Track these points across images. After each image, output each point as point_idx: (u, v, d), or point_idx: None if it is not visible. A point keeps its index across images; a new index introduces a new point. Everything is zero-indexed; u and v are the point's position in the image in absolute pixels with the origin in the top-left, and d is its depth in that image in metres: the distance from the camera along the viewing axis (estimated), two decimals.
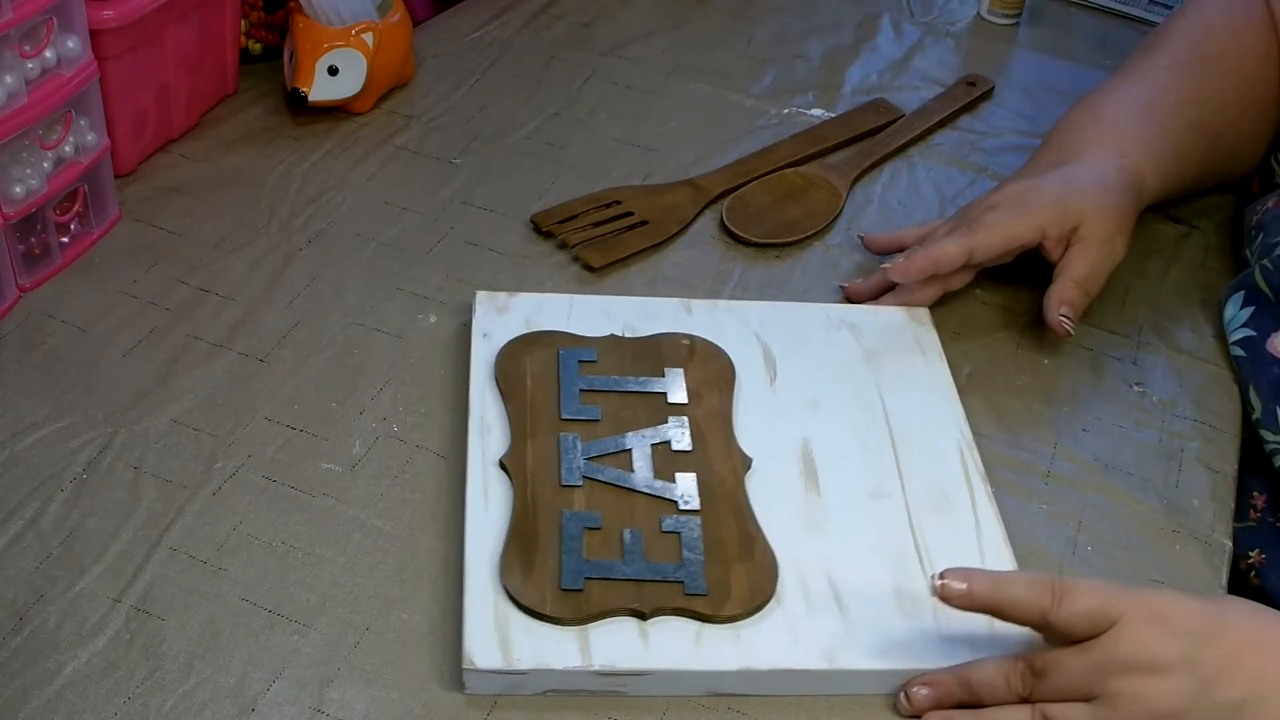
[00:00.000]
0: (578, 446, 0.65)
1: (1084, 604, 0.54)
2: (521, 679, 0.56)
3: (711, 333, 0.72)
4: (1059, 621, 0.55)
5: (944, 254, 0.73)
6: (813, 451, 0.67)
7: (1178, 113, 0.80)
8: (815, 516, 0.63)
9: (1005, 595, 0.55)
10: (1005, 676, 0.56)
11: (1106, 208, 0.75)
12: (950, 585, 0.56)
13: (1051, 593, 0.55)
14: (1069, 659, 0.55)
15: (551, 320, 0.72)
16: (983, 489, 0.65)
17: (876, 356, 0.72)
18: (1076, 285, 0.74)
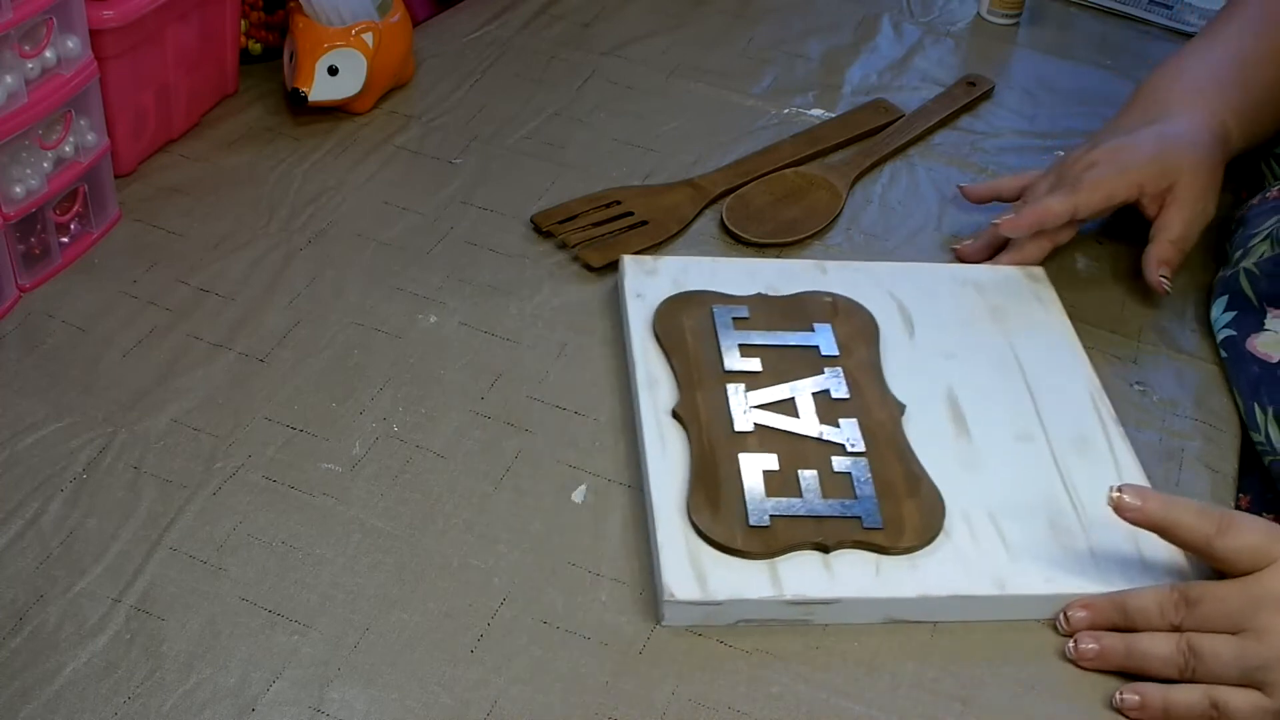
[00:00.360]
0: (744, 396, 0.68)
1: (1248, 538, 0.57)
2: (717, 609, 0.60)
3: (847, 291, 0.76)
4: (1222, 550, 0.58)
5: (1050, 211, 0.77)
6: (958, 398, 0.71)
7: (1260, 70, 0.83)
8: (968, 457, 0.68)
9: (1174, 517, 0.59)
10: (1159, 605, 0.59)
11: (1200, 165, 0.78)
12: (1126, 499, 0.59)
13: (1219, 523, 0.58)
14: (1225, 590, 0.57)
15: (697, 281, 0.76)
16: (1117, 431, 0.69)
17: (1002, 311, 0.76)
18: (1173, 245, 0.77)
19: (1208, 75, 0.83)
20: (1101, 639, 0.60)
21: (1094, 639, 0.60)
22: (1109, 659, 0.59)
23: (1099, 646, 0.59)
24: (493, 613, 0.60)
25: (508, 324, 0.75)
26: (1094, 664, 0.60)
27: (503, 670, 0.58)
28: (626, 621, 0.60)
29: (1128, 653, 0.59)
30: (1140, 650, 0.59)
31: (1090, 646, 0.60)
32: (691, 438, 0.67)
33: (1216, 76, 0.83)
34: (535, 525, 0.64)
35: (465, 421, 0.69)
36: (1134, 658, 0.59)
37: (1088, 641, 0.60)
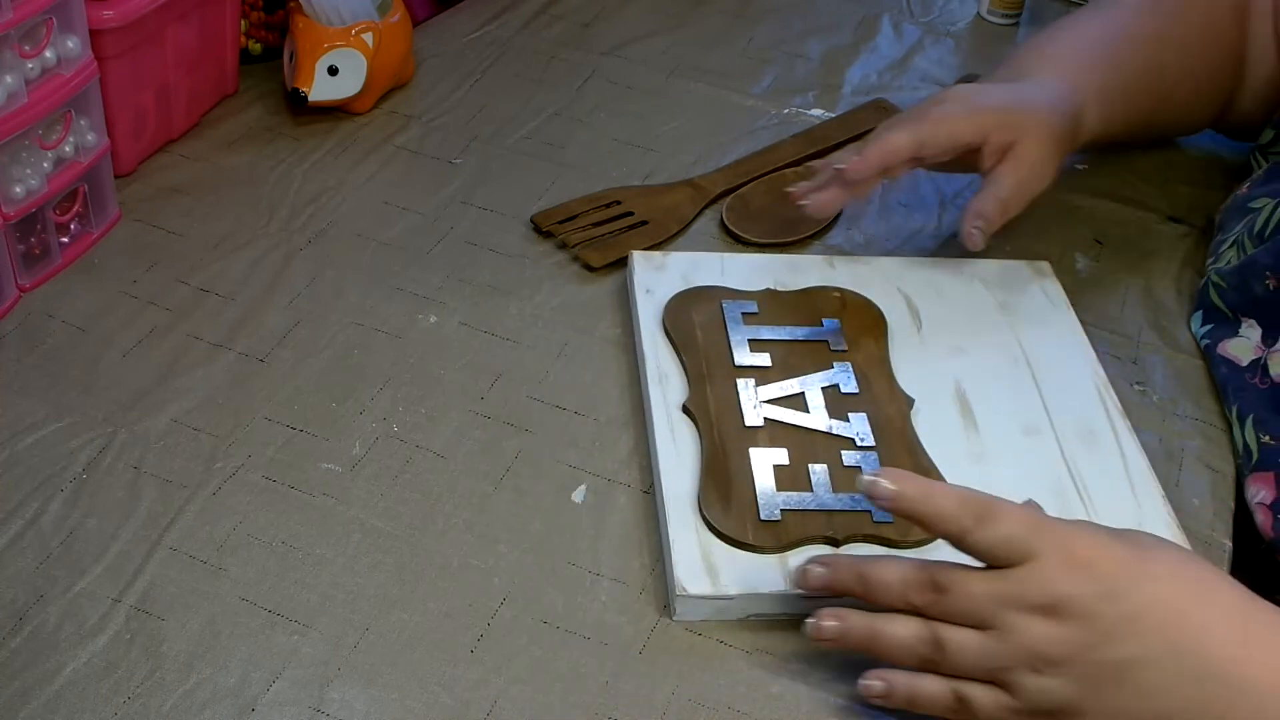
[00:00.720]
0: (754, 391, 0.69)
1: (1005, 531, 0.53)
2: (729, 604, 0.60)
3: (855, 286, 0.77)
4: (975, 543, 0.54)
5: (893, 144, 0.73)
6: (966, 392, 0.71)
7: (1134, 50, 0.81)
8: (977, 451, 0.68)
9: (931, 507, 0.55)
10: (904, 584, 0.55)
11: (1048, 129, 0.75)
12: (881, 484, 0.55)
13: (976, 514, 0.54)
14: (974, 582, 0.54)
15: (706, 276, 0.77)
16: (1123, 424, 0.70)
17: (1009, 306, 0.77)
18: (998, 201, 0.74)
19: (1078, 48, 0.81)
20: (845, 618, 0.56)
21: (837, 617, 0.57)
22: (849, 640, 0.56)
23: (841, 625, 0.56)
24: (493, 613, 0.60)
25: (508, 324, 0.75)
26: (834, 644, 0.57)
27: (503, 670, 0.58)
28: (626, 621, 0.60)
29: (871, 637, 0.56)
30: (885, 636, 0.56)
31: (832, 625, 0.56)
32: (702, 432, 0.67)
33: (1087, 51, 0.80)
34: (535, 525, 0.64)
35: (465, 421, 0.69)
36: (877, 643, 0.56)
37: (830, 619, 0.57)
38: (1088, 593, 0.52)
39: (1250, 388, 0.73)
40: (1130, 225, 0.87)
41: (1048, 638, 0.53)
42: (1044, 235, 0.85)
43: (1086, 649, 0.52)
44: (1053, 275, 0.79)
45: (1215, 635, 0.52)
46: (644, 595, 0.61)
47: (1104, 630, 0.52)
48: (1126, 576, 0.52)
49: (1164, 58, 0.82)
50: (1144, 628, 0.52)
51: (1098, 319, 0.79)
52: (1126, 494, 0.66)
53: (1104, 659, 0.52)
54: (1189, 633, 0.52)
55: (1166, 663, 0.52)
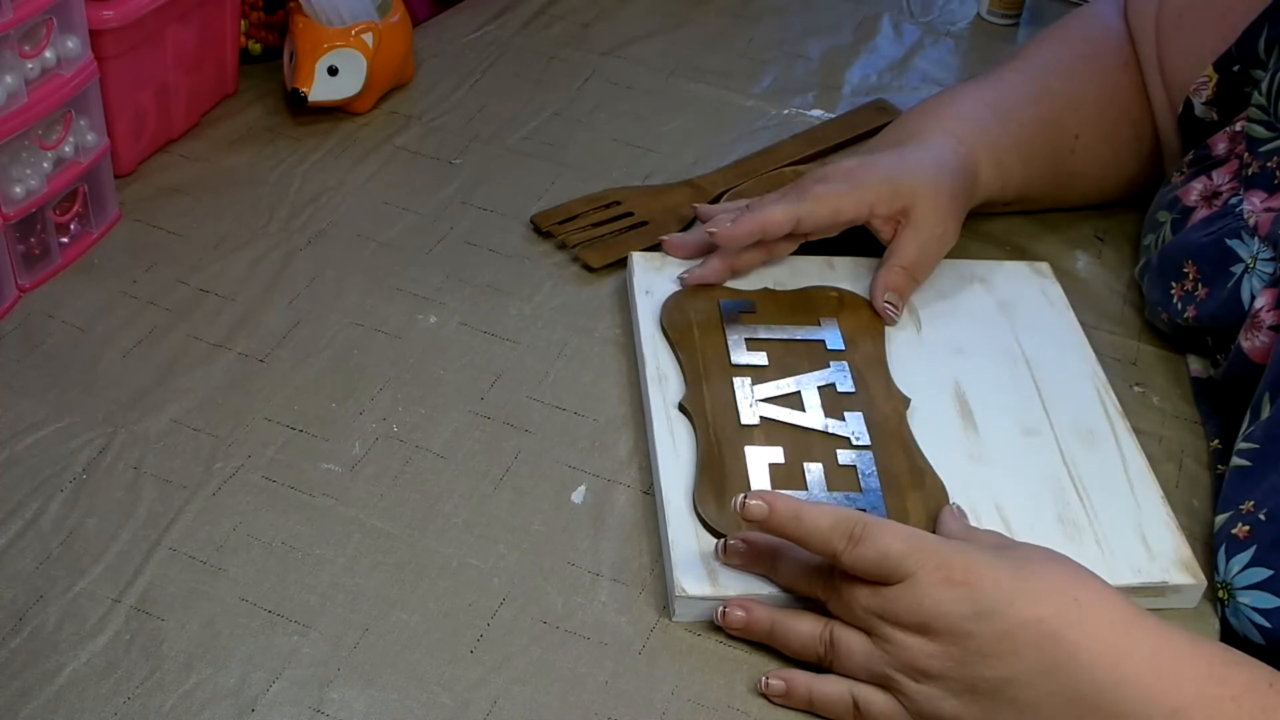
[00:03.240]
0: (751, 389, 0.68)
1: (879, 550, 0.55)
2: None
3: (855, 286, 0.76)
4: (850, 563, 0.55)
5: (770, 219, 0.73)
6: (965, 392, 0.71)
7: (1022, 106, 0.81)
8: (975, 451, 0.68)
9: (804, 528, 0.56)
10: (808, 574, 0.58)
11: (938, 189, 0.74)
12: (752, 506, 0.57)
13: (850, 535, 0.55)
14: (857, 590, 0.56)
15: None
16: (1123, 425, 0.70)
17: (1009, 307, 0.77)
18: (904, 270, 0.74)
19: (967, 109, 0.80)
20: (751, 610, 0.58)
21: (744, 608, 0.59)
22: (754, 631, 0.59)
23: (746, 616, 0.58)
24: (493, 613, 0.60)
25: (508, 324, 0.75)
26: (739, 633, 0.59)
27: (503, 670, 0.58)
28: (626, 621, 0.60)
29: (771, 630, 0.58)
30: (784, 630, 0.58)
31: (738, 614, 0.58)
32: (698, 431, 0.67)
33: (974, 111, 0.80)
34: (535, 525, 0.64)
35: (465, 421, 0.69)
36: (776, 637, 0.58)
37: (737, 609, 0.59)
38: (960, 612, 0.53)
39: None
40: (1130, 225, 0.87)
41: (923, 652, 0.54)
42: (1044, 235, 0.85)
43: (961, 665, 0.53)
44: (1052, 275, 0.79)
45: (1090, 653, 0.52)
46: (643, 595, 0.61)
47: (976, 649, 0.53)
48: (1000, 596, 0.53)
49: (1056, 110, 0.81)
50: (1016, 647, 0.53)
51: (1098, 319, 0.79)
52: (1126, 494, 0.66)
53: (979, 675, 0.53)
54: (1064, 651, 0.52)
55: (1039, 682, 0.52)
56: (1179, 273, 0.74)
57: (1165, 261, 0.75)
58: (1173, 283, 0.74)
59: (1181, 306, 0.73)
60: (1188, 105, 0.78)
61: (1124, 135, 0.83)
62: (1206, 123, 0.77)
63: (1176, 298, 0.73)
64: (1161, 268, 0.75)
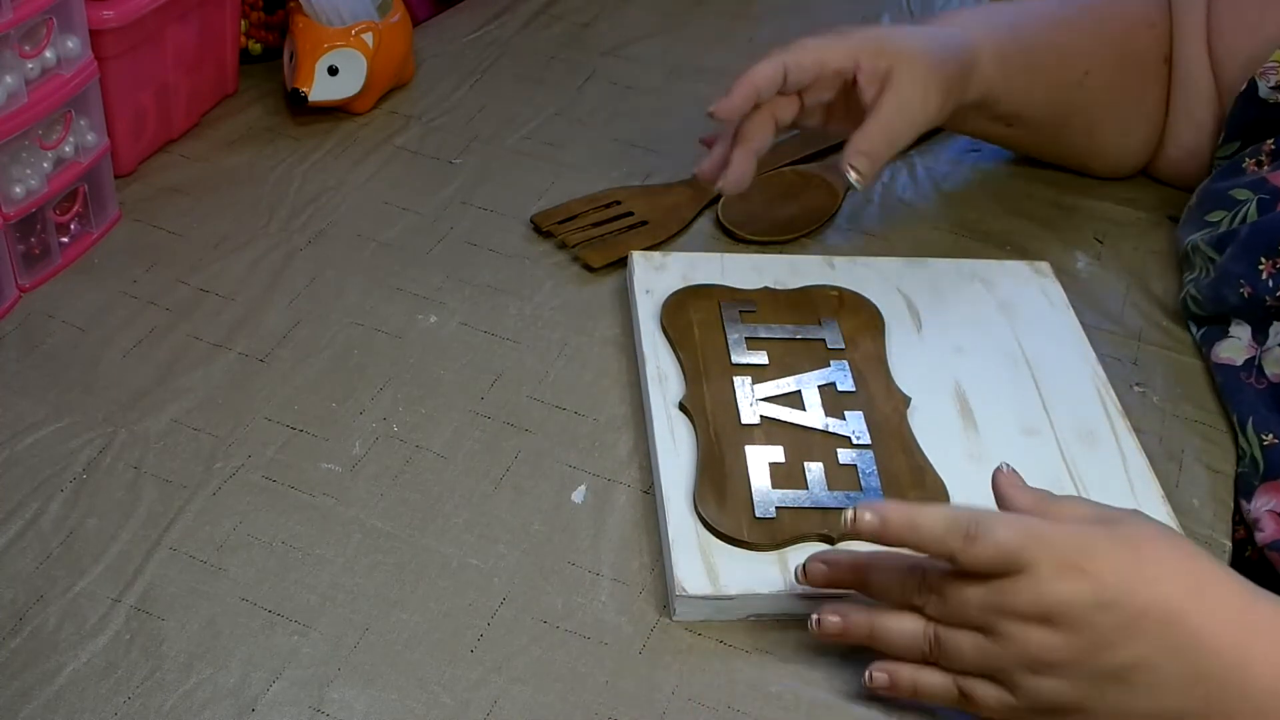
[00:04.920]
0: (751, 389, 0.68)
1: (995, 548, 0.53)
2: (729, 604, 0.60)
3: (854, 286, 0.77)
4: (968, 562, 0.54)
5: (759, 73, 0.72)
6: (965, 392, 0.71)
7: (1038, 24, 0.81)
8: (975, 451, 0.68)
9: (920, 535, 0.55)
10: (902, 584, 0.56)
11: (926, 55, 0.74)
12: (865, 517, 0.55)
13: (965, 534, 0.53)
14: (969, 590, 0.54)
15: (705, 276, 0.77)
16: (1123, 425, 0.70)
17: (1009, 306, 0.77)
18: (880, 132, 0.72)
19: (980, 15, 0.80)
20: (847, 615, 0.57)
21: (838, 613, 0.57)
22: (852, 635, 0.57)
23: (843, 621, 0.57)
24: (493, 613, 0.60)
25: (508, 324, 0.75)
26: (837, 639, 0.58)
27: (503, 670, 0.58)
28: (626, 621, 0.60)
29: (872, 631, 0.57)
30: (884, 630, 0.56)
31: (834, 620, 0.57)
32: (698, 430, 0.67)
33: (988, 16, 0.80)
34: (535, 525, 0.64)
35: (465, 421, 0.69)
36: (878, 638, 0.57)
37: (831, 615, 0.57)
38: (1083, 601, 0.52)
39: (1247, 389, 0.72)
40: (1130, 225, 0.87)
41: (1044, 645, 0.53)
42: (1044, 235, 0.85)
43: (1084, 655, 0.52)
44: (1053, 275, 0.79)
45: (1214, 634, 0.52)
46: (644, 595, 0.61)
47: (1101, 637, 0.52)
48: (1123, 582, 0.52)
49: (1072, 42, 0.81)
50: (1141, 631, 0.52)
51: (1098, 319, 0.79)
52: (1126, 494, 0.66)
53: (1103, 663, 0.52)
54: (1188, 633, 0.52)
55: (1167, 664, 0.52)
56: (1274, 249, 0.72)
57: (1258, 236, 0.73)
58: (1263, 258, 0.72)
59: (1274, 284, 0.71)
60: (1251, 86, 0.77)
61: (1133, 93, 0.83)
62: (1271, 105, 0.76)
63: (1267, 274, 0.72)
64: (1252, 242, 0.73)
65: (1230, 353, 0.75)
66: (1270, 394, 0.71)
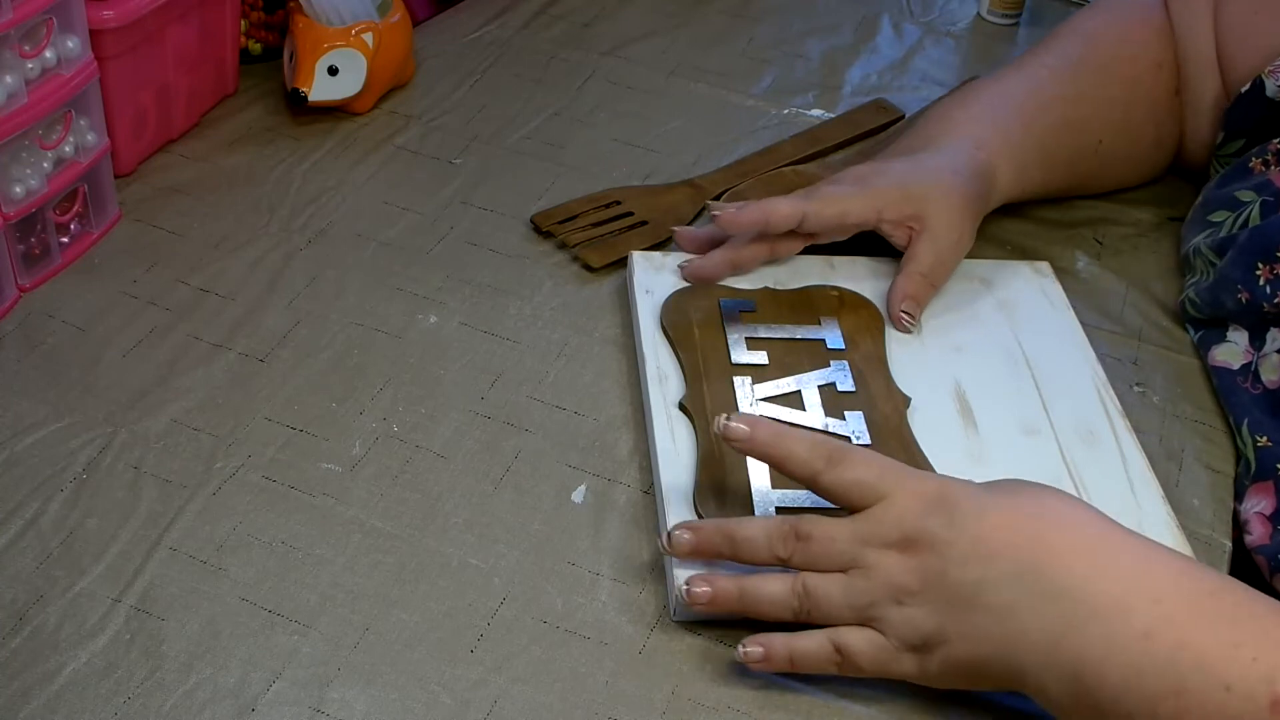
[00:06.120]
0: (751, 388, 0.69)
1: (856, 474, 0.56)
2: None
3: (854, 286, 0.77)
4: (828, 484, 0.57)
5: (776, 212, 0.73)
6: (965, 392, 0.71)
7: (1048, 109, 0.80)
8: (975, 451, 0.68)
9: (784, 448, 0.57)
10: (769, 537, 0.57)
11: (951, 193, 0.74)
12: (734, 427, 0.58)
13: (828, 457, 0.56)
14: (834, 527, 0.56)
15: None
16: (1123, 424, 0.70)
17: (1009, 306, 0.77)
18: (922, 277, 0.74)
19: (984, 111, 0.79)
20: (714, 582, 0.57)
21: (706, 582, 0.58)
22: (721, 603, 0.58)
23: (711, 590, 0.57)
24: (493, 613, 0.60)
25: (508, 324, 0.75)
26: (706, 609, 0.58)
27: (503, 670, 0.58)
28: (626, 621, 0.60)
29: (740, 596, 0.57)
30: (754, 593, 0.57)
31: (703, 590, 0.57)
32: (698, 430, 0.67)
33: (993, 114, 0.79)
34: (535, 525, 0.64)
35: (465, 421, 0.69)
36: (747, 601, 0.57)
37: (700, 585, 0.57)
38: (937, 523, 0.54)
39: (1244, 392, 0.73)
40: (1130, 225, 0.87)
41: (904, 568, 0.55)
42: (1044, 235, 0.85)
43: (939, 575, 0.54)
44: (1053, 275, 0.79)
45: (1064, 556, 0.53)
46: (644, 595, 0.61)
47: (954, 556, 0.54)
48: (974, 504, 0.55)
49: (1081, 113, 0.81)
50: (991, 550, 0.53)
51: (1098, 319, 0.79)
52: (1126, 494, 0.66)
53: (956, 582, 0.54)
54: (1038, 553, 0.53)
55: (1015, 583, 0.53)
56: (1271, 255, 0.71)
57: (1258, 240, 0.72)
58: (1260, 263, 0.72)
59: (1271, 290, 0.71)
60: (1257, 85, 0.77)
61: (1147, 136, 0.84)
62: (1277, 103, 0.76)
63: (1264, 280, 0.72)
64: (1250, 246, 0.73)
65: (1227, 356, 0.75)
66: (1266, 399, 0.71)
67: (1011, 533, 0.54)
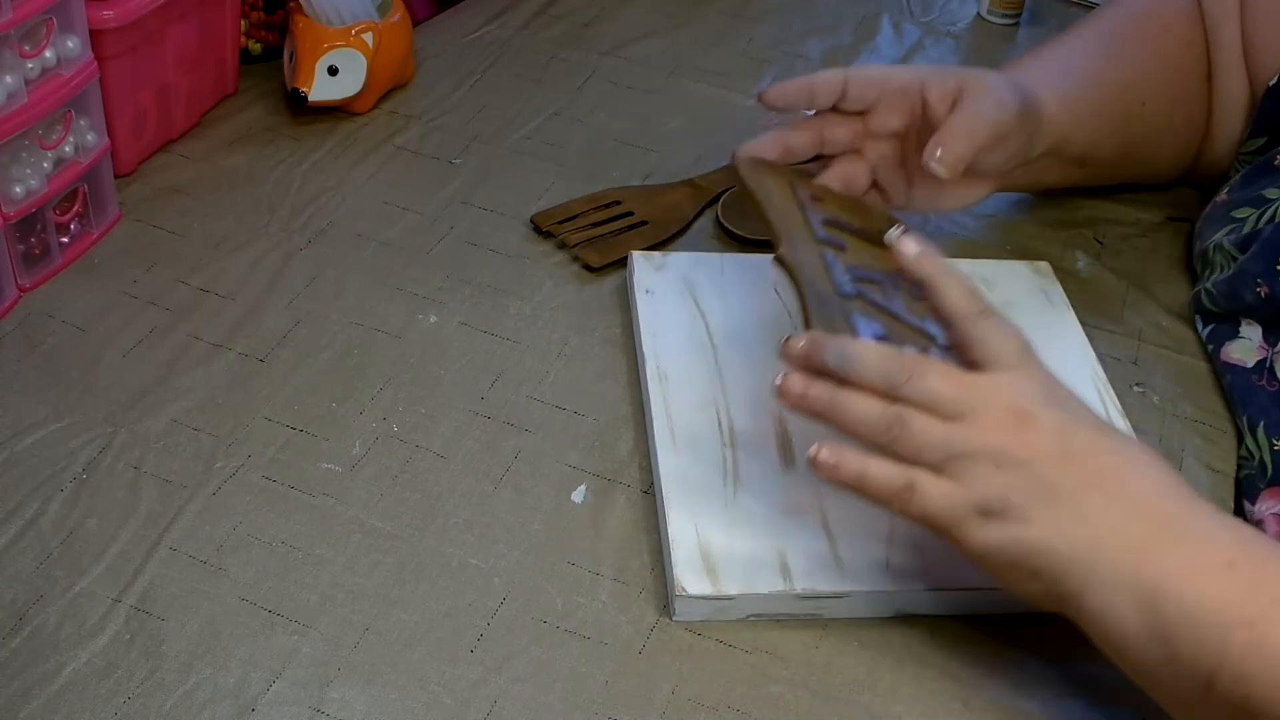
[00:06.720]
0: (841, 263, 0.66)
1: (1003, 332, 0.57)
2: (729, 604, 0.60)
3: None
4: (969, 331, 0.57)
5: (818, 77, 0.72)
6: None
7: (1094, 65, 0.81)
8: None
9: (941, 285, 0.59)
10: (882, 360, 0.56)
11: (996, 77, 0.73)
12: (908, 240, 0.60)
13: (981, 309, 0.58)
14: (956, 375, 0.56)
15: (706, 276, 0.76)
16: (1123, 424, 0.70)
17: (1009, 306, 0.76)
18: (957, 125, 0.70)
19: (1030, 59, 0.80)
20: (812, 384, 0.57)
21: (801, 380, 0.57)
22: (812, 403, 0.57)
23: (805, 390, 0.57)
24: (493, 613, 0.60)
25: (508, 324, 0.75)
26: (795, 404, 0.57)
27: (503, 670, 0.58)
28: (626, 621, 0.60)
29: (832, 402, 0.56)
30: (846, 403, 0.56)
31: (795, 382, 0.57)
32: (801, 285, 0.64)
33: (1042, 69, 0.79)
34: (535, 525, 0.64)
35: (465, 421, 0.69)
36: (837, 408, 0.56)
37: (794, 380, 0.57)
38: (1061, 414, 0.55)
39: (1258, 390, 0.72)
40: (1130, 225, 0.87)
41: (1015, 438, 0.54)
42: (1044, 235, 0.85)
43: (1046, 457, 0.53)
44: (1053, 275, 0.79)
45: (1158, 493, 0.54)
46: (644, 595, 0.61)
47: (1066, 447, 0.54)
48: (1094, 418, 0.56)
49: (1127, 77, 0.81)
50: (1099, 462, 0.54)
51: (1098, 319, 0.79)
52: None
53: (1061, 472, 0.53)
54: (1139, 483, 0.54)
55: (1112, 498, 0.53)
56: None
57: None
58: None
59: None
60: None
61: (1181, 113, 0.84)
62: None
63: None
64: (1274, 242, 0.73)
65: (1240, 354, 0.75)
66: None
67: (1120, 457, 0.54)
